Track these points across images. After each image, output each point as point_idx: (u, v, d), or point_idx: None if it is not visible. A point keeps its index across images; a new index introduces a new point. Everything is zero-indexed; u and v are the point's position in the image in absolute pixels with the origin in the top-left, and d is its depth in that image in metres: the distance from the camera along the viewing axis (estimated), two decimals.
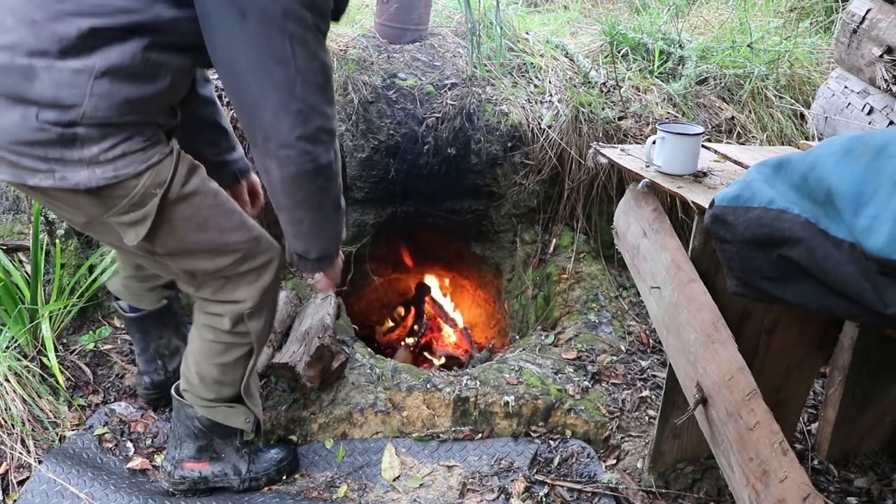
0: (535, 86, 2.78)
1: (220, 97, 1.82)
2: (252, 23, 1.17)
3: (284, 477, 1.84)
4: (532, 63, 2.85)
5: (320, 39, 1.26)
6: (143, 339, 1.95)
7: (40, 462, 1.77)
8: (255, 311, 1.57)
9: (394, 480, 1.86)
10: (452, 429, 2.03)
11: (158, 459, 1.87)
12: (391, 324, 3.30)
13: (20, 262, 2.19)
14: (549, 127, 2.61)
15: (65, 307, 2.10)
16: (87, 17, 1.16)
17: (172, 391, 1.73)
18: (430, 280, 3.33)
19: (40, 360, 1.99)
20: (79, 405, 1.96)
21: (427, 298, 3.28)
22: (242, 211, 1.52)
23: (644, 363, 2.27)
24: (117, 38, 1.18)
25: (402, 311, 3.32)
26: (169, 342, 2.00)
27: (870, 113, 2.21)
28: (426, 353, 3.11)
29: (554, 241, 2.75)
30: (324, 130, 1.30)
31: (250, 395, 1.70)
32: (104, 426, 1.92)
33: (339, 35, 2.87)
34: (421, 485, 1.85)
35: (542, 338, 2.43)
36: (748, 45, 2.92)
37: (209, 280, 1.52)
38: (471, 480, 1.86)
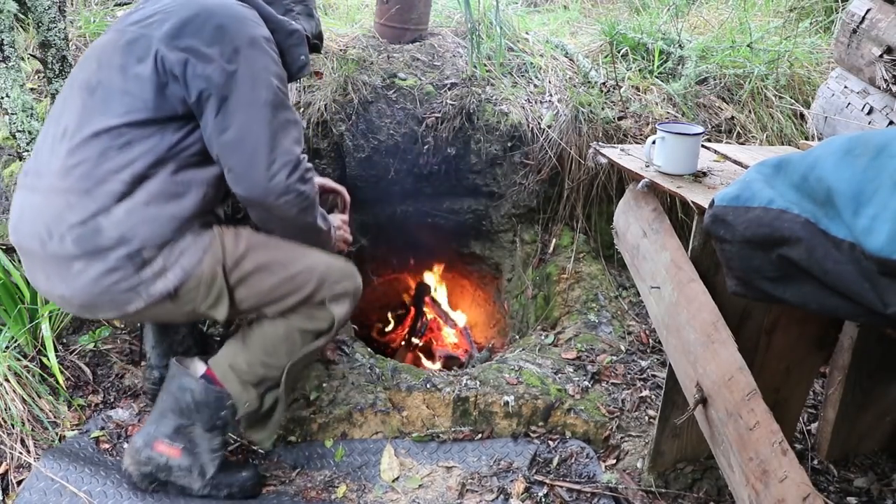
0: (535, 86, 2.78)
1: None
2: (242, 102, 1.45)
3: (245, 497, 1.76)
4: (532, 63, 2.84)
5: (288, 101, 1.55)
6: (160, 332, 1.95)
7: (38, 460, 1.77)
8: (338, 297, 1.67)
9: (393, 481, 1.86)
10: (452, 429, 2.03)
11: None
12: (391, 324, 3.30)
13: (20, 261, 2.19)
14: (549, 127, 2.61)
15: None
16: (125, 170, 1.43)
17: (173, 359, 1.71)
18: (430, 280, 3.33)
19: (40, 359, 1.99)
20: (78, 405, 1.96)
21: (427, 298, 3.27)
22: (297, 244, 1.66)
23: (644, 363, 2.27)
24: (150, 174, 1.45)
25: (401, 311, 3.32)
26: (184, 339, 2.00)
27: (870, 113, 2.20)
28: (423, 357, 3.10)
29: (554, 240, 2.75)
30: (308, 170, 1.55)
31: (290, 387, 1.71)
32: (101, 430, 1.92)
33: (339, 35, 2.87)
34: (420, 485, 1.85)
35: (542, 338, 2.43)
36: (748, 45, 2.92)
37: (301, 308, 1.65)
38: (470, 481, 1.86)
